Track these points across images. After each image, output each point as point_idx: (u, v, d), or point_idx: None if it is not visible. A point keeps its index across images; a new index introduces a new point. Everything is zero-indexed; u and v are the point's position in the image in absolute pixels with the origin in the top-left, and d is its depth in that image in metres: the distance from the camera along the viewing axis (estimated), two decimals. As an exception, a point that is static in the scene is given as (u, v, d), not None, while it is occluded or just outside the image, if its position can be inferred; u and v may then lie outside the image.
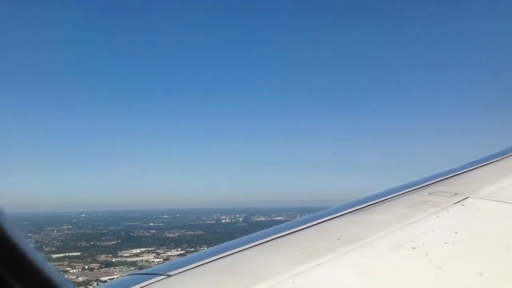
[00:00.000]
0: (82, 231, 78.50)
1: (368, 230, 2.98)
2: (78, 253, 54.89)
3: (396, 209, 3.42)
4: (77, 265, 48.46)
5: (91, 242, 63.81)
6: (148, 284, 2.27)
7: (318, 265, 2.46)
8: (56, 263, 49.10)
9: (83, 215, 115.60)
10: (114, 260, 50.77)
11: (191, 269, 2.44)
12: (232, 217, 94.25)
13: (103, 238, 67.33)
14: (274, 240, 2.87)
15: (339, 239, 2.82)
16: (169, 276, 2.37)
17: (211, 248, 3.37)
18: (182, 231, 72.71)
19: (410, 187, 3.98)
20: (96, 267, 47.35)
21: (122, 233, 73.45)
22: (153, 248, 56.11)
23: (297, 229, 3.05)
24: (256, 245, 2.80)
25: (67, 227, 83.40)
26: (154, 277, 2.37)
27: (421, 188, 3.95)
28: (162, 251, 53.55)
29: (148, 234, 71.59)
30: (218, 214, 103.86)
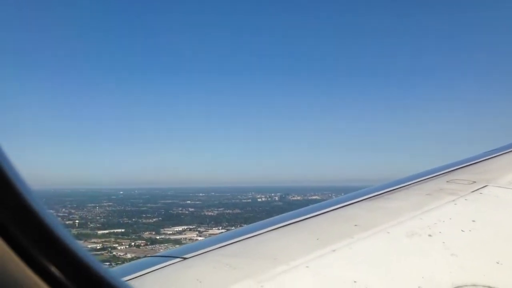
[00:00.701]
0: (123, 208, 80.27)
1: (384, 216, 2.95)
2: (123, 230, 56.17)
3: (414, 197, 3.39)
4: (124, 242, 49.62)
5: (133, 219, 65.18)
6: (164, 267, 2.32)
7: (333, 250, 2.45)
8: (103, 239, 50.60)
9: (121, 192, 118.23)
10: (158, 237, 51.72)
11: (207, 253, 2.47)
12: (267, 196, 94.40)
13: (144, 215, 68.62)
14: (290, 225, 2.86)
15: (355, 225, 2.80)
16: (184, 259, 2.40)
17: (227, 232, 3.40)
18: (220, 209, 73.31)
19: (428, 175, 3.93)
20: (142, 244, 48.36)
21: (162, 210, 74.69)
22: (194, 226, 56.79)
23: (313, 215, 3.03)
24: (272, 229, 2.79)
25: (107, 203, 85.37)
26: (170, 260, 2.40)
27: (439, 176, 3.90)
28: (204, 229, 54.07)
29: (187, 212, 72.52)
30: (253, 193, 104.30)
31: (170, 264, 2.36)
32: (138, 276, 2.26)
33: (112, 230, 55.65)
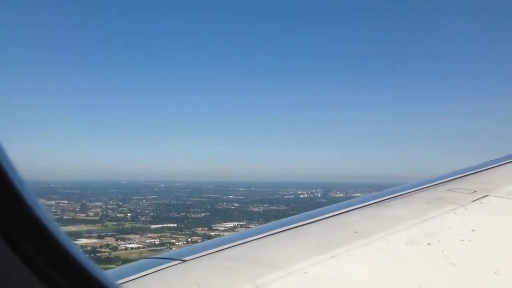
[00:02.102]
0: (168, 201, 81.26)
1: (384, 224, 2.98)
2: (175, 225, 56.69)
3: (414, 205, 3.43)
4: (180, 237, 49.98)
5: (182, 213, 65.80)
6: (162, 268, 2.33)
7: (332, 257, 2.46)
8: (158, 234, 51.18)
9: (162, 185, 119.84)
10: (212, 233, 51.77)
11: (206, 255, 2.49)
12: (309, 192, 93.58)
13: (191, 210, 69.20)
14: (290, 230, 2.87)
15: (355, 232, 2.83)
16: (184, 261, 2.41)
17: (226, 235, 3.36)
18: (265, 205, 73.07)
19: (429, 183, 4.00)
20: (199, 240, 48.40)
21: (207, 205, 75.14)
22: (244, 223, 56.69)
23: (313, 220, 3.05)
24: (272, 234, 2.82)
25: (152, 196, 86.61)
26: (169, 262, 2.40)
27: (440, 184, 3.96)
28: (255, 226, 53.74)
29: (232, 207, 72.80)
30: (294, 189, 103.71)
31: (169, 266, 2.37)
32: (136, 278, 2.24)
33: (164, 225, 56.25)
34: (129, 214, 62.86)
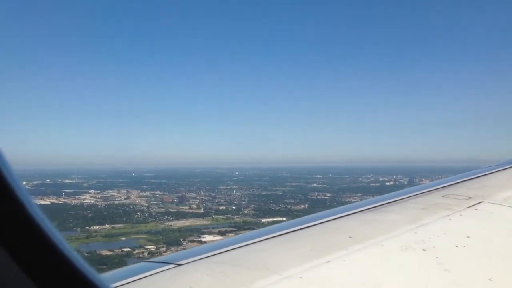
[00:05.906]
0: (255, 191, 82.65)
1: (379, 229, 3.00)
2: (284, 218, 57.47)
3: (409, 210, 3.45)
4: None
5: (281, 205, 66.82)
6: (157, 272, 2.36)
7: (327, 262, 2.48)
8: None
9: (236, 172, 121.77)
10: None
11: (201, 259, 2.51)
12: (393, 179, 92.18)
13: (287, 201, 70.08)
14: (286, 235, 2.91)
15: (350, 237, 2.84)
16: (179, 265, 2.44)
17: (222, 239, 3.42)
18: (358, 195, 72.76)
19: (424, 189, 4.04)
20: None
21: (300, 195, 75.81)
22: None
23: (309, 225, 3.08)
24: (267, 238, 2.85)
25: (236, 186, 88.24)
26: (164, 266, 2.44)
27: (435, 190, 3.99)
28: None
29: (326, 197, 73.05)
30: (372, 175, 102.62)
31: (164, 270, 2.39)
32: (131, 282, 2.26)
33: (274, 218, 57.13)
34: (233, 207, 64.62)
